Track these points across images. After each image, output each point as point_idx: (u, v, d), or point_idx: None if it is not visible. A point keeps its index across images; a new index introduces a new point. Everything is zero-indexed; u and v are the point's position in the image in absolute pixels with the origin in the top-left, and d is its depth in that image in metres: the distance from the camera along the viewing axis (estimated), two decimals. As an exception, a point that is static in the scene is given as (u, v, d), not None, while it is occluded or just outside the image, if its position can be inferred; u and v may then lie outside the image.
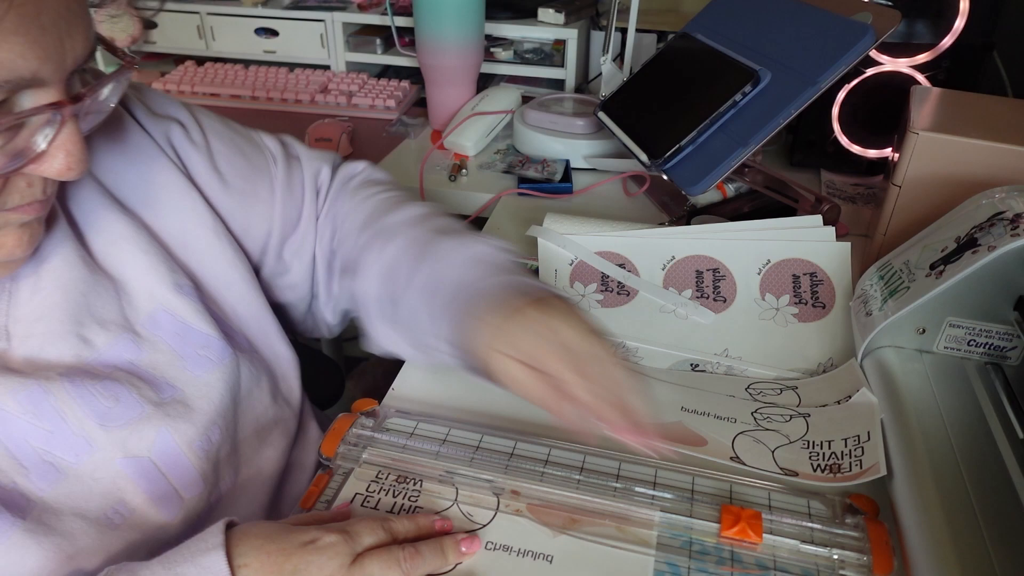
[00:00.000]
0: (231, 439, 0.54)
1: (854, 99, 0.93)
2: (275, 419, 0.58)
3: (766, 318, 0.68)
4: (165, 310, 0.51)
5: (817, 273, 0.69)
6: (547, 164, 1.00)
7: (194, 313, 0.52)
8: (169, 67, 1.37)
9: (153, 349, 0.50)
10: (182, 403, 0.50)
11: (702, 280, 0.70)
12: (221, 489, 0.53)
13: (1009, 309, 0.56)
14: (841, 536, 0.47)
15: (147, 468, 0.48)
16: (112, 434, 0.47)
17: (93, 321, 0.48)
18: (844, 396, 0.59)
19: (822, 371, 0.64)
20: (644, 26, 1.18)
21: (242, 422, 0.55)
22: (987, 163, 0.67)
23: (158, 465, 0.48)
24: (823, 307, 0.68)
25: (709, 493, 0.51)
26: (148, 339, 0.50)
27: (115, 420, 0.47)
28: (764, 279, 0.69)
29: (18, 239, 0.43)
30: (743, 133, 0.74)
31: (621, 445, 0.48)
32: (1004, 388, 0.56)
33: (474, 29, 1.09)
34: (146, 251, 0.51)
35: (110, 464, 0.47)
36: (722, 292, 0.70)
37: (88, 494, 0.46)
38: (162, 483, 0.48)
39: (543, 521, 0.49)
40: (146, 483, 0.48)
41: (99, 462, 0.46)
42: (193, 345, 0.52)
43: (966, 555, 0.43)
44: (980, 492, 0.47)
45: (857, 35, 0.70)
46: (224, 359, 0.53)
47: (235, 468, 0.55)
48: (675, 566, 0.46)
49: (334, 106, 1.24)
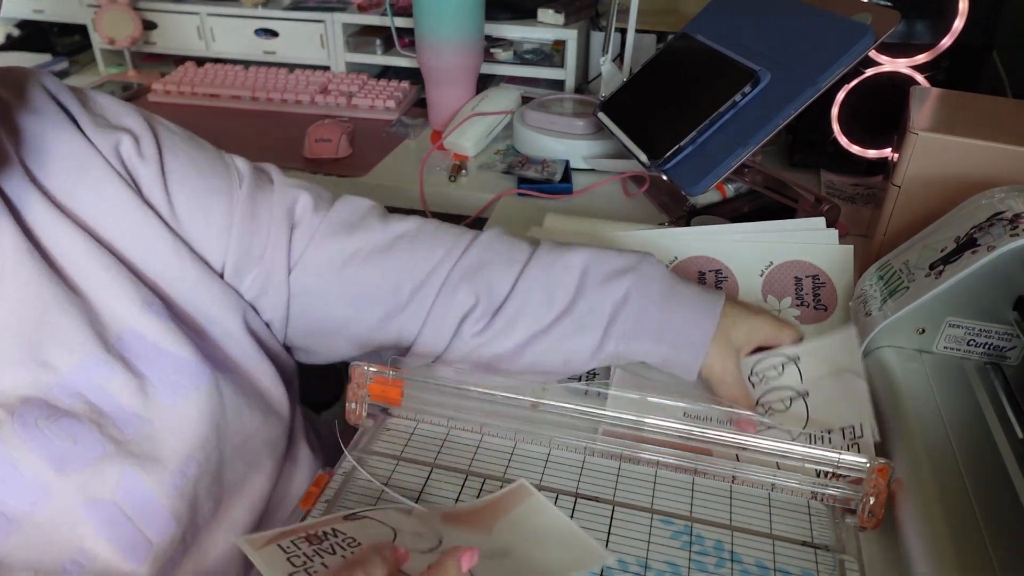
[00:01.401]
0: (212, 470, 0.50)
1: (854, 99, 0.93)
2: (264, 440, 0.55)
3: None
4: (133, 331, 0.47)
5: (819, 276, 0.69)
6: (547, 164, 1.00)
7: (165, 333, 0.48)
8: (169, 68, 1.37)
9: (125, 371, 0.46)
10: (151, 438, 0.46)
11: (704, 281, 0.71)
12: (199, 524, 0.49)
13: (1008, 309, 0.56)
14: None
15: (111, 512, 0.44)
16: (69, 478, 0.42)
17: (55, 341, 0.44)
18: (841, 369, 0.59)
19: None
20: (644, 26, 1.18)
21: (227, 449, 0.51)
22: (987, 163, 0.67)
23: (123, 508, 0.44)
24: (824, 309, 0.68)
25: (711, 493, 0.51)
26: (118, 359, 0.46)
27: (72, 463, 0.43)
28: (766, 281, 0.69)
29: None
30: (743, 133, 0.74)
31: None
32: (1004, 388, 0.56)
33: (474, 29, 1.09)
34: (107, 268, 0.47)
35: (70, 511, 0.43)
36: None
37: (45, 545, 0.42)
38: (127, 528, 0.44)
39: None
40: (109, 529, 0.43)
41: (57, 510, 0.42)
42: (164, 370, 0.47)
43: (966, 555, 0.43)
44: (980, 492, 0.47)
45: (857, 35, 0.70)
46: (201, 384, 0.49)
47: (216, 499, 0.50)
48: (675, 566, 0.46)
49: (334, 107, 1.24)
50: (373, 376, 0.56)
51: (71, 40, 1.49)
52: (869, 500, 0.47)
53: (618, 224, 0.76)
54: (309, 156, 1.07)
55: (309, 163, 1.06)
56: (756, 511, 0.50)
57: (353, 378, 0.56)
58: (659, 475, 0.53)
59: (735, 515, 0.50)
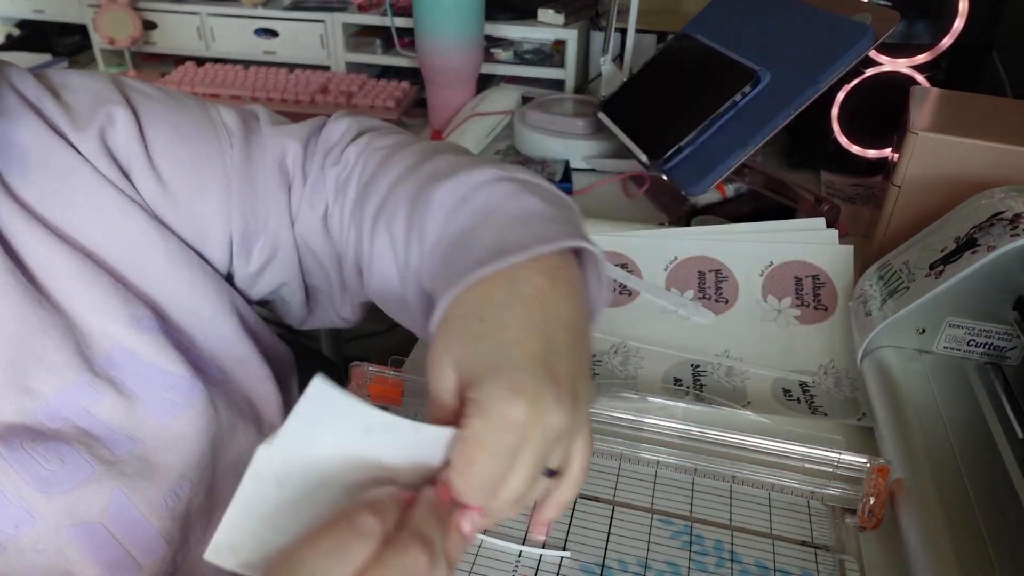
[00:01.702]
0: (206, 488, 0.48)
1: (854, 99, 0.93)
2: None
3: (768, 319, 0.69)
4: (121, 348, 0.45)
5: (819, 276, 0.69)
6: (547, 165, 1.00)
7: (156, 349, 0.46)
8: (169, 68, 1.37)
9: (113, 393, 0.44)
10: (142, 459, 0.45)
11: (704, 281, 0.71)
12: (190, 544, 0.47)
13: (1008, 309, 0.56)
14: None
15: (98, 534, 0.42)
16: (55, 501, 0.41)
17: (39, 366, 0.42)
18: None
19: (823, 373, 0.64)
20: (644, 26, 1.18)
21: (221, 466, 0.49)
22: (987, 163, 0.67)
23: (111, 531, 0.43)
24: (825, 309, 0.68)
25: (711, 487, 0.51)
26: (106, 381, 0.44)
27: (59, 485, 0.41)
28: (766, 281, 0.69)
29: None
30: (743, 133, 0.74)
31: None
32: (1004, 388, 0.56)
33: (474, 30, 1.09)
34: (91, 283, 0.44)
35: (56, 534, 0.41)
36: (724, 293, 0.70)
37: (29, 568, 0.41)
38: (115, 550, 0.43)
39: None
40: (96, 551, 0.42)
41: (42, 532, 0.41)
42: (156, 387, 0.46)
43: (966, 555, 0.43)
44: (980, 492, 0.47)
45: (857, 35, 0.70)
46: (193, 400, 0.47)
47: (209, 517, 0.49)
48: (675, 566, 0.46)
49: (334, 107, 1.23)
50: (373, 376, 0.55)
51: (71, 40, 1.49)
52: (869, 500, 0.48)
53: (619, 223, 0.76)
54: (309, 156, 1.07)
55: (309, 163, 1.06)
56: (756, 511, 0.50)
57: (353, 378, 0.56)
58: (659, 475, 0.53)
59: (735, 515, 0.50)
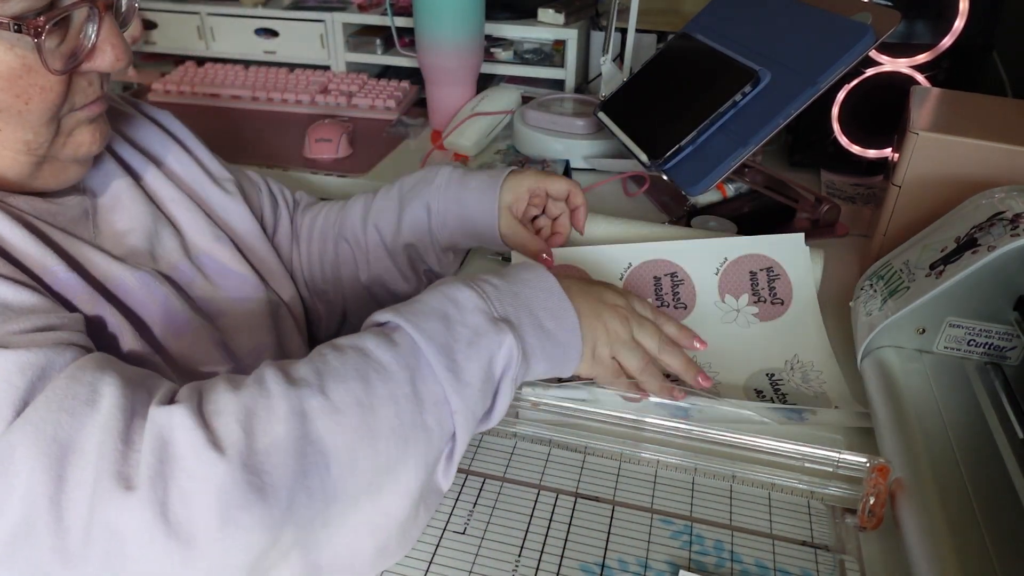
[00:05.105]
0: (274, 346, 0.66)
1: (854, 99, 0.93)
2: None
3: (728, 321, 0.68)
4: (208, 255, 0.62)
5: (773, 268, 0.69)
6: (547, 164, 1.00)
7: (233, 259, 0.64)
8: (169, 68, 1.37)
9: (203, 279, 0.61)
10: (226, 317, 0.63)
11: (660, 287, 0.69)
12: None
13: (1009, 309, 0.56)
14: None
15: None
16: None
17: (162, 248, 0.59)
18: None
19: (789, 368, 0.64)
20: (644, 26, 1.18)
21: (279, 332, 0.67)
22: (987, 163, 0.67)
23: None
24: (781, 303, 0.68)
25: (712, 483, 0.51)
26: (198, 271, 0.61)
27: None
28: (722, 279, 0.69)
29: (92, 135, 0.51)
30: (743, 133, 0.74)
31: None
32: (1004, 388, 0.56)
33: (474, 29, 1.09)
34: (188, 208, 0.63)
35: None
36: (682, 298, 0.69)
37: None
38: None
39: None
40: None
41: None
42: (232, 284, 0.63)
43: (966, 555, 0.43)
44: (980, 492, 0.47)
45: (857, 35, 0.70)
46: (260, 296, 0.65)
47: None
48: (675, 566, 0.46)
49: (334, 106, 1.24)
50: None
51: (71, 40, 1.49)
52: (869, 500, 0.47)
53: (616, 221, 0.76)
54: (309, 156, 1.07)
55: (309, 163, 1.06)
56: (756, 511, 0.50)
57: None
58: (659, 475, 0.53)
59: (735, 515, 0.50)
